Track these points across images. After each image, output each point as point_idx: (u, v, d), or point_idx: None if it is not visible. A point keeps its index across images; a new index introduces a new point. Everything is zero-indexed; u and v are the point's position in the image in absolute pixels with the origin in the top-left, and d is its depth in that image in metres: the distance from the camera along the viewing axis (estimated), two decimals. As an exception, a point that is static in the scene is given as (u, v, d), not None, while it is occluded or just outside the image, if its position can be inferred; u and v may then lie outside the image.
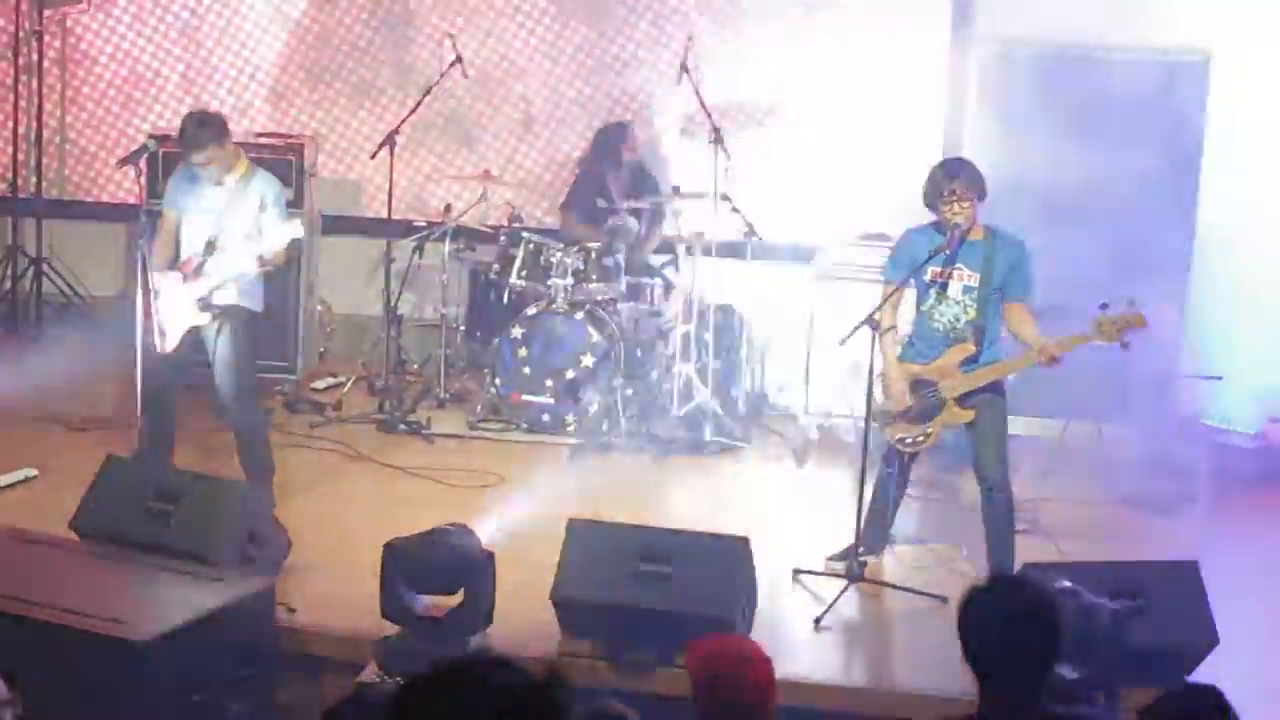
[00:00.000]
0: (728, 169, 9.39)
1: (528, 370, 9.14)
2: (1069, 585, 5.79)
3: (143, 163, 7.86)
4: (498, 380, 9.18)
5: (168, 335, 7.71)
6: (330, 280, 10.40)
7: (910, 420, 7.24)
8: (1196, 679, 6.17)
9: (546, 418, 9.16)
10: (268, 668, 6.37)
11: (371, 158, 9.59)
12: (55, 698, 5.64)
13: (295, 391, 9.68)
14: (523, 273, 9.30)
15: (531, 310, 9.20)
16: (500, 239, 9.49)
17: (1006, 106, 9.58)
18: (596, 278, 9.23)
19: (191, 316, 7.65)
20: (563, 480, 8.57)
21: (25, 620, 5.92)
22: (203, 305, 7.63)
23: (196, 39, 10.58)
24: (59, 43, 10.61)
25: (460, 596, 6.29)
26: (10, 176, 10.56)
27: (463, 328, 9.74)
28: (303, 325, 9.81)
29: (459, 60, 9.61)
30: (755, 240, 9.52)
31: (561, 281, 9.15)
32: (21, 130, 10.57)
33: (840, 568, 7.29)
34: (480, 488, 8.38)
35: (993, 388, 7.19)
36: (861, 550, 7.28)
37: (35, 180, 10.50)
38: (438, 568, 6.31)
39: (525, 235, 9.37)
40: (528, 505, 8.11)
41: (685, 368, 9.23)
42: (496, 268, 9.43)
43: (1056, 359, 7.02)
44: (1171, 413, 9.06)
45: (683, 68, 9.44)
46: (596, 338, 9.09)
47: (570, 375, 9.12)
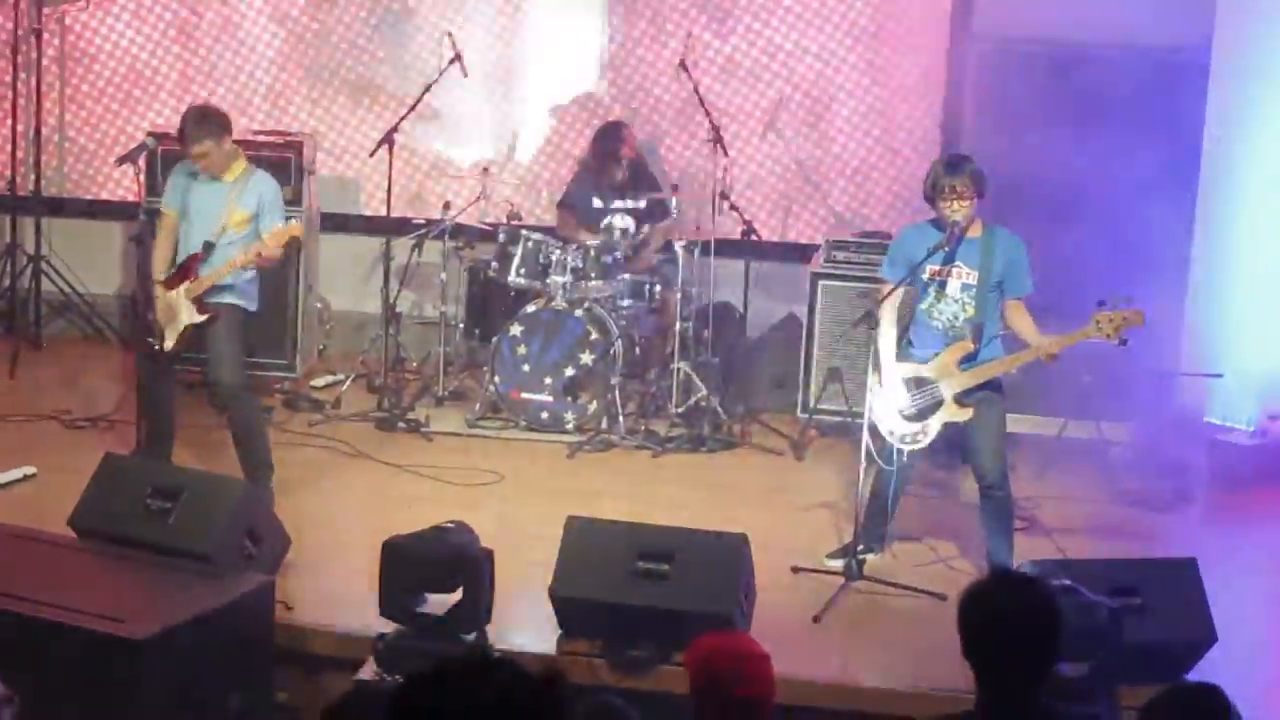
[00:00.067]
0: (726, 167, 9.41)
1: (526, 368, 9.14)
2: (1068, 583, 5.79)
3: (141, 161, 7.86)
4: (496, 378, 9.18)
5: (165, 334, 7.72)
6: (329, 278, 10.40)
7: (909, 418, 7.24)
8: (1195, 676, 6.18)
9: (545, 415, 9.16)
10: (266, 666, 6.37)
11: (370, 155, 9.58)
12: (54, 696, 5.64)
13: (294, 389, 9.68)
14: (521, 270, 9.29)
15: (530, 308, 9.19)
16: (499, 237, 9.48)
17: (1005, 104, 9.57)
18: (595, 275, 9.22)
19: (188, 316, 7.66)
20: (561, 478, 8.58)
21: (24, 618, 5.91)
22: (200, 305, 7.64)
23: (195, 37, 10.57)
24: (58, 41, 10.60)
25: (459, 594, 6.29)
26: (9, 174, 10.54)
27: (461, 325, 9.73)
28: (301, 323, 9.81)
29: (458, 58, 9.61)
30: (753, 238, 9.53)
31: (560, 279, 9.14)
32: (20, 128, 10.56)
33: (839, 565, 7.29)
34: (479, 485, 8.38)
35: (991, 385, 7.19)
36: (860, 548, 7.28)
37: (34, 178, 10.48)
38: (436, 566, 6.30)
39: (524, 233, 9.36)
40: (526, 503, 8.13)
41: (684, 365, 9.24)
42: (495, 265, 9.42)
43: (1055, 356, 7.02)
44: (1170, 410, 9.05)
45: (682, 65, 9.45)
46: (595, 335, 9.09)
47: (569, 373, 9.11)
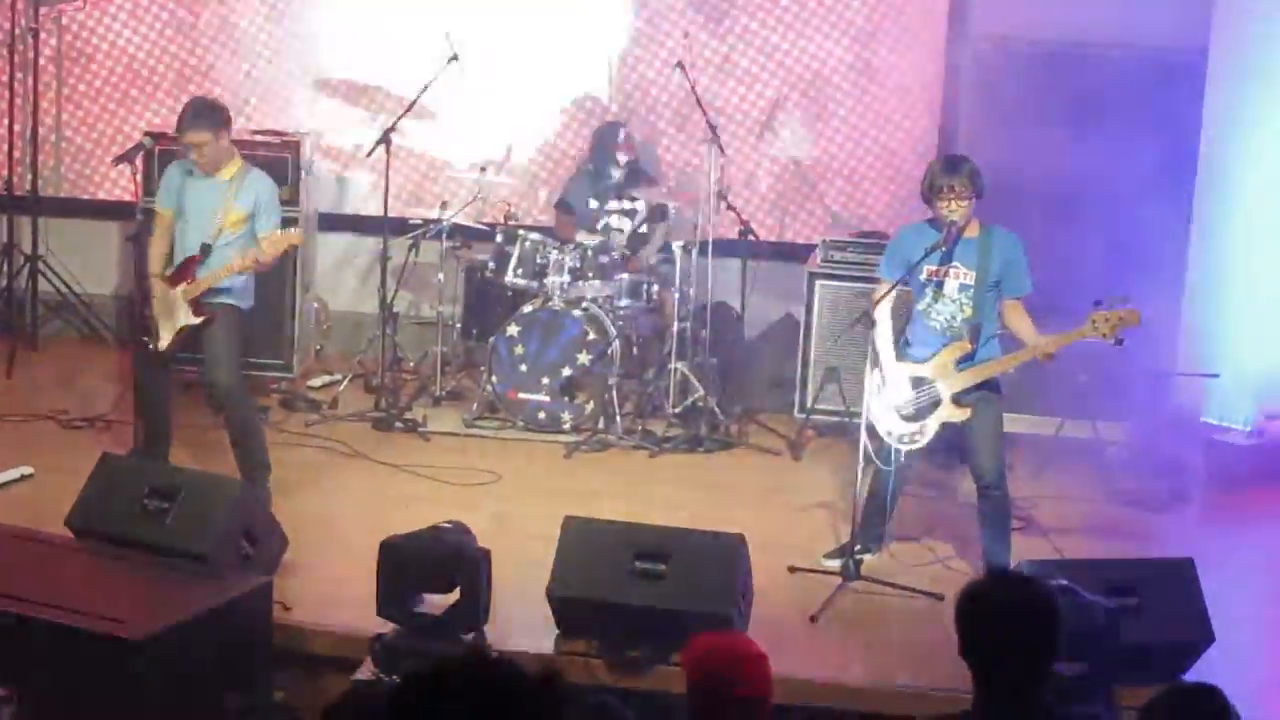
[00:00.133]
0: (723, 167, 9.40)
1: (524, 368, 9.14)
2: (1065, 583, 5.79)
3: (139, 160, 7.87)
4: (494, 378, 9.17)
5: (161, 334, 7.72)
6: (326, 278, 10.40)
7: (906, 418, 7.24)
8: (1192, 676, 6.18)
9: (543, 415, 9.16)
10: (264, 666, 6.36)
11: (368, 155, 9.57)
12: (52, 696, 5.64)
13: (291, 389, 9.67)
14: (519, 270, 9.29)
15: (528, 308, 9.19)
16: (496, 236, 9.48)
17: (1002, 104, 9.57)
18: (593, 275, 9.23)
19: (185, 316, 7.66)
20: (559, 478, 8.58)
21: (21, 619, 5.90)
22: (196, 306, 7.64)
23: (192, 36, 10.56)
24: (55, 40, 10.59)
25: (456, 594, 6.29)
26: (6, 174, 10.54)
27: (459, 325, 9.73)
28: (299, 323, 9.80)
29: (455, 58, 9.60)
30: (751, 238, 9.53)
31: (558, 279, 9.15)
32: (17, 128, 10.55)
33: (836, 565, 7.29)
34: (476, 485, 8.38)
35: (988, 385, 7.20)
36: (858, 548, 7.28)
37: (31, 178, 10.48)
38: (434, 565, 6.31)
39: (521, 233, 9.36)
40: (524, 503, 8.12)
41: (681, 365, 9.24)
42: (493, 265, 9.42)
43: (1052, 356, 7.02)
44: (1167, 410, 9.05)
45: (679, 65, 9.45)
46: (593, 335, 9.09)
47: (566, 373, 9.11)
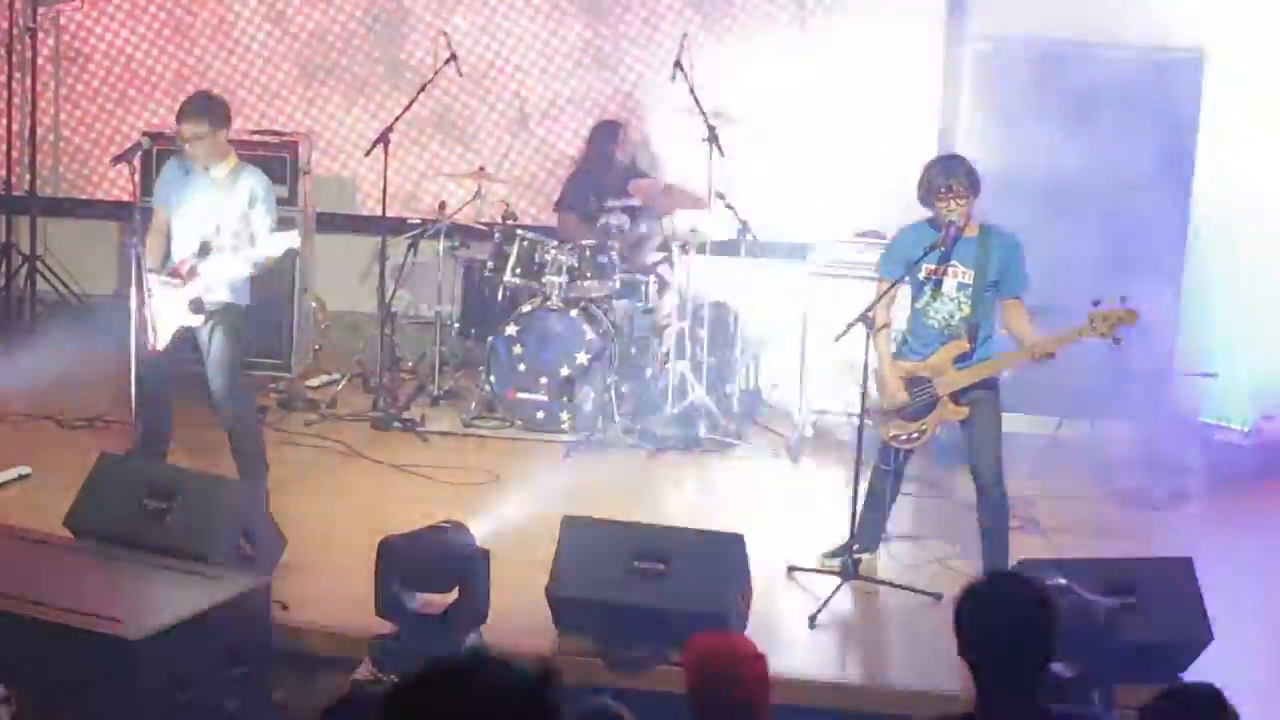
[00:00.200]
0: (722, 166, 9.40)
1: (522, 367, 9.14)
2: (1064, 582, 5.80)
3: (136, 160, 7.87)
4: (492, 378, 9.17)
5: (160, 334, 7.71)
6: (325, 278, 10.39)
7: (905, 417, 7.24)
8: (1191, 676, 6.18)
9: (541, 415, 9.15)
10: (262, 666, 6.36)
11: (366, 155, 9.57)
12: (50, 696, 5.64)
13: (290, 389, 9.66)
14: (517, 270, 9.29)
15: (526, 308, 9.19)
16: (495, 236, 9.48)
17: (1000, 102, 9.56)
18: (591, 275, 9.22)
19: (183, 316, 7.65)
20: (557, 478, 8.57)
21: (20, 618, 5.91)
22: (195, 306, 7.63)
23: (190, 36, 10.56)
24: (53, 40, 10.60)
25: (455, 594, 6.29)
26: (4, 174, 10.54)
27: (457, 325, 9.72)
28: (297, 323, 9.80)
29: (453, 58, 9.60)
30: (749, 238, 9.52)
31: (556, 279, 9.14)
32: (15, 128, 10.56)
33: (835, 565, 7.30)
34: (475, 485, 8.38)
35: (987, 385, 7.19)
36: (856, 547, 7.28)
37: (29, 178, 10.48)
38: (433, 565, 6.31)
39: (519, 233, 9.36)
40: (522, 503, 8.11)
41: (680, 365, 9.23)
42: (491, 265, 9.42)
43: (1050, 355, 7.02)
44: (1166, 409, 9.05)
45: (677, 65, 9.44)
46: (591, 335, 9.08)
47: (565, 372, 9.11)
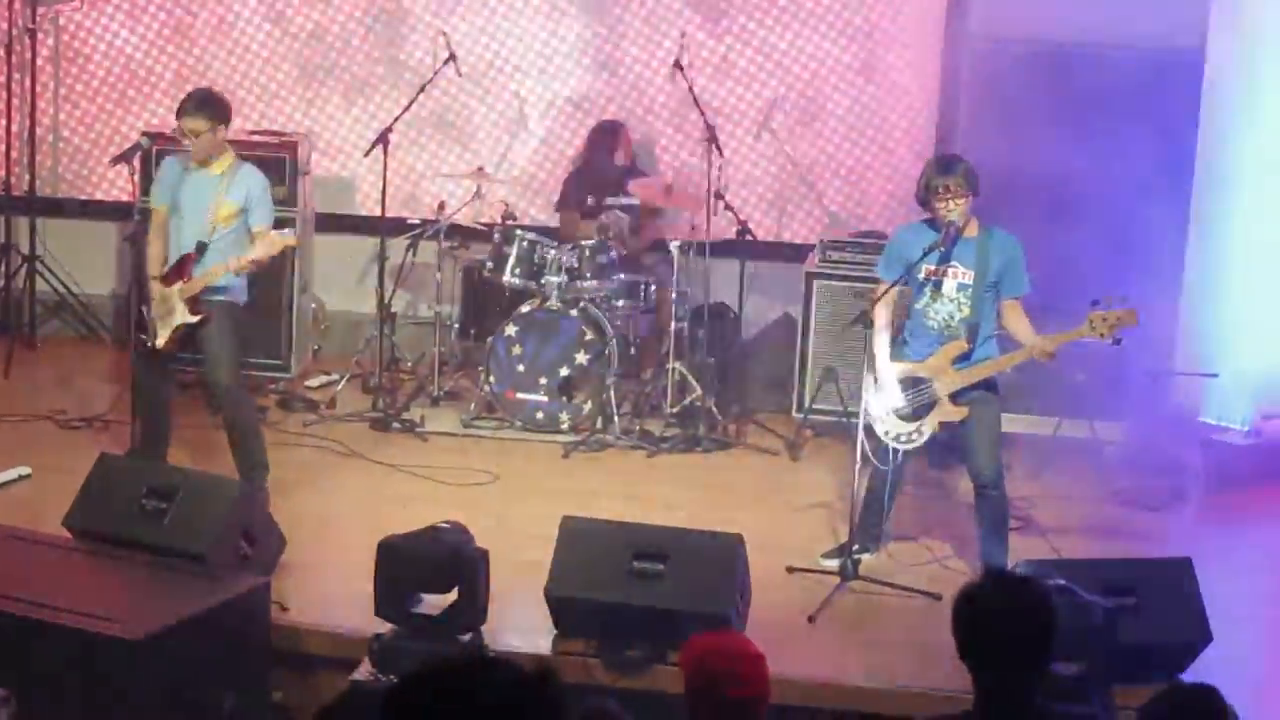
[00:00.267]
0: (721, 166, 9.40)
1: (521, 368, 9.14)
2: (1063, 583, 5.79)
3: (136, 160, 7.87)
4: (491, 378, 9.17)
5: (159, 333, 7.72)
6: (324, 278, 10.39)
7: (904, 418, 7.24)
8: (1190, 676, 6.18)
9: (540, 415, 9.15)
10: (262, 666, 6.36)
11: (365, 155, 9.56)
12: (50, 696, 5.64)
13: (289, 389, 9.67)
14: (516, 270, 9.28)
15: (525, 308, 9.19)
16: (494, 236, 9.47)
17: (999, 103, 9.57)
18: (590, 275, 9.22)
19: (181, 315, 7.65)
20: (556, 478, 8.58)
21: (19, 619, 5.90)
22: (193, 305, 7.64)
23: (190, 36, 10.56)
24: (52, 40, 10.59)
25: (454, 595, 6.29)
26: (3, 174, 10.53)
27: (456, 325, 9.72)
28: (296, 323, 9.80)
29: (453, 58, 9.60)
30: (748, 238, 9.53)
31: (555, 279, 9.14)
32: (14, 128, 10.55)
33: (834, 565, 7.30)
34: (474, 486, 8.38)
35: (986, 385, 7.19)
36: (855, 548, 7.28)
37: (28, 178, 10.48)
38: (432, 566, 6.30)
39: (519, 233, 9.35)
40: (522, 503, 8.12)
41: (679, 365, 9.23)
42: (490, 265, 9.41)
43: (1050, 355, 7.02)
44: (1165, 410, 9.05)
45: (676, 65, 9.45)
46: (590, 335, 9.08)
47: (564, 373, 9.11)
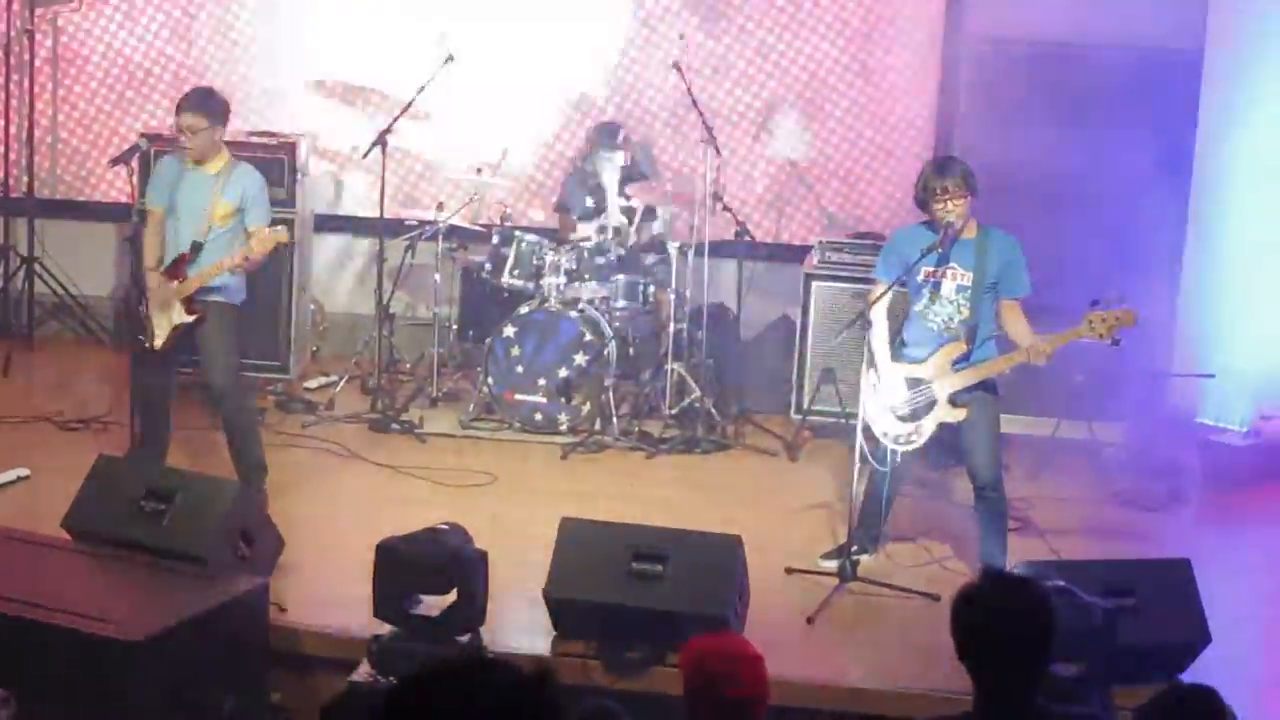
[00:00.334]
0: (719, 168, 9.40)
1: (520, 369, 9.14)
2: (1062, 583, 5.79)
3: (134, 162, 7.88)
4: (490, 379, 9.17)
5: (157, 333, 7.72)
6: (322, 279, 10.40)
7: (902, 419, 7.24)
8: (1189, 677, 6.18)
9: (539, 416, 9.15)
10: (260, 667, 6.36)
11: (364, 156, 9.56)
12: (48, 698, 5.63)
13: (287, 391, 9.67)
14: (515, 271, 9.29)
15: (524, 309, 9.19)
16: (493, 238, 9.48)
17: (998, 103, 9.57)
18: (589, 276, 9.22)
19: (178, 314, 7.66)
20: (555, 479, 8.58)
21: (17, 620, 5.90)
22: (189, 304, 7.65)
23: (188, 37, 10.56)
24: (50, 41, 10.59)
25: (453, 596, 6.29)
26: (2, 176, 10.54)
27: (455, 327, 9.73)
28: (295, 324, 9.80)
29: (452, 59, 9.60)
30: (747, 239, 9.53)
31: (554, 280, 9.14)
32: (13, 130, 10.55)
33: (833, 566, 7.29)
34: (473, 487, 8.38)
35: (985, 386, 7.19)
36: (854, 549, 7.28)
37: (27, 180, 10.48)
38: (431, 567, 6.30)
39: (518, 234, 9.36)
40: (520, 504, 8.12)
41: (678, 366, 9.24)
42: (489, 266, 9.42)
43: (1048, 356, 7.02)
44: (1163, 411, 9.05)
45: (675, 66, 9.45)
46: (589, 336, 9.08)
47: (563, 374, 9.11)
